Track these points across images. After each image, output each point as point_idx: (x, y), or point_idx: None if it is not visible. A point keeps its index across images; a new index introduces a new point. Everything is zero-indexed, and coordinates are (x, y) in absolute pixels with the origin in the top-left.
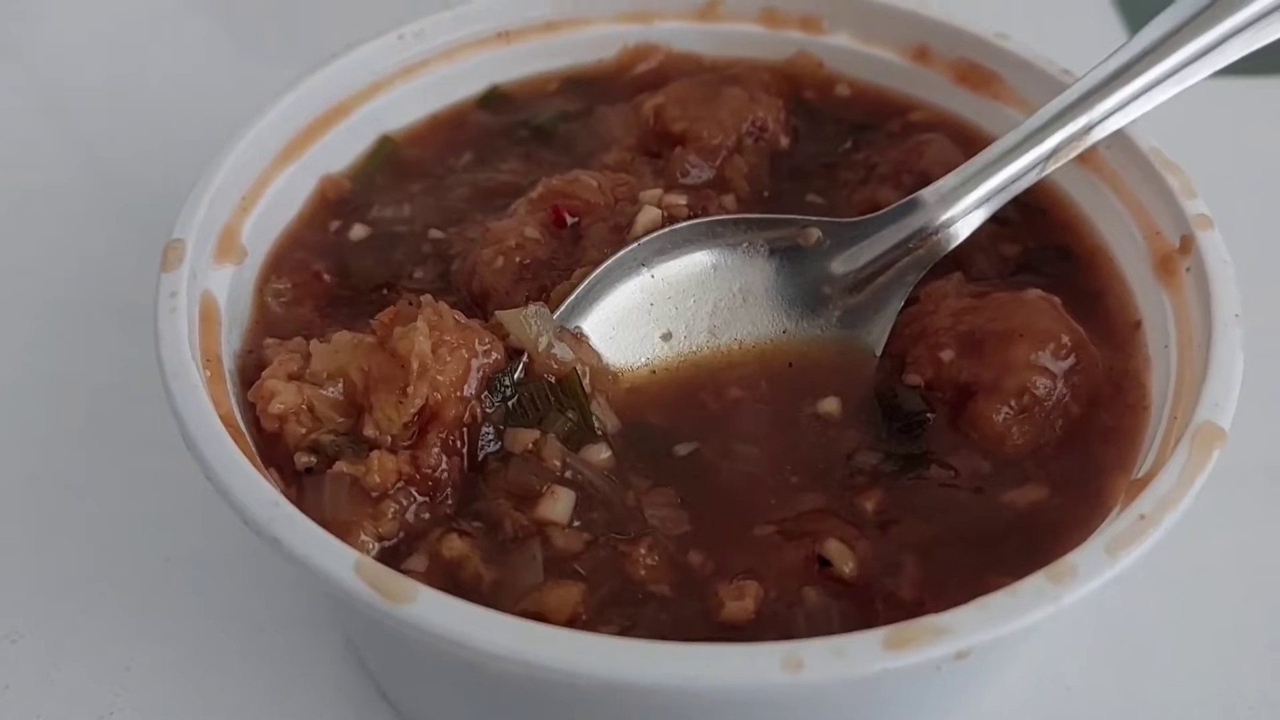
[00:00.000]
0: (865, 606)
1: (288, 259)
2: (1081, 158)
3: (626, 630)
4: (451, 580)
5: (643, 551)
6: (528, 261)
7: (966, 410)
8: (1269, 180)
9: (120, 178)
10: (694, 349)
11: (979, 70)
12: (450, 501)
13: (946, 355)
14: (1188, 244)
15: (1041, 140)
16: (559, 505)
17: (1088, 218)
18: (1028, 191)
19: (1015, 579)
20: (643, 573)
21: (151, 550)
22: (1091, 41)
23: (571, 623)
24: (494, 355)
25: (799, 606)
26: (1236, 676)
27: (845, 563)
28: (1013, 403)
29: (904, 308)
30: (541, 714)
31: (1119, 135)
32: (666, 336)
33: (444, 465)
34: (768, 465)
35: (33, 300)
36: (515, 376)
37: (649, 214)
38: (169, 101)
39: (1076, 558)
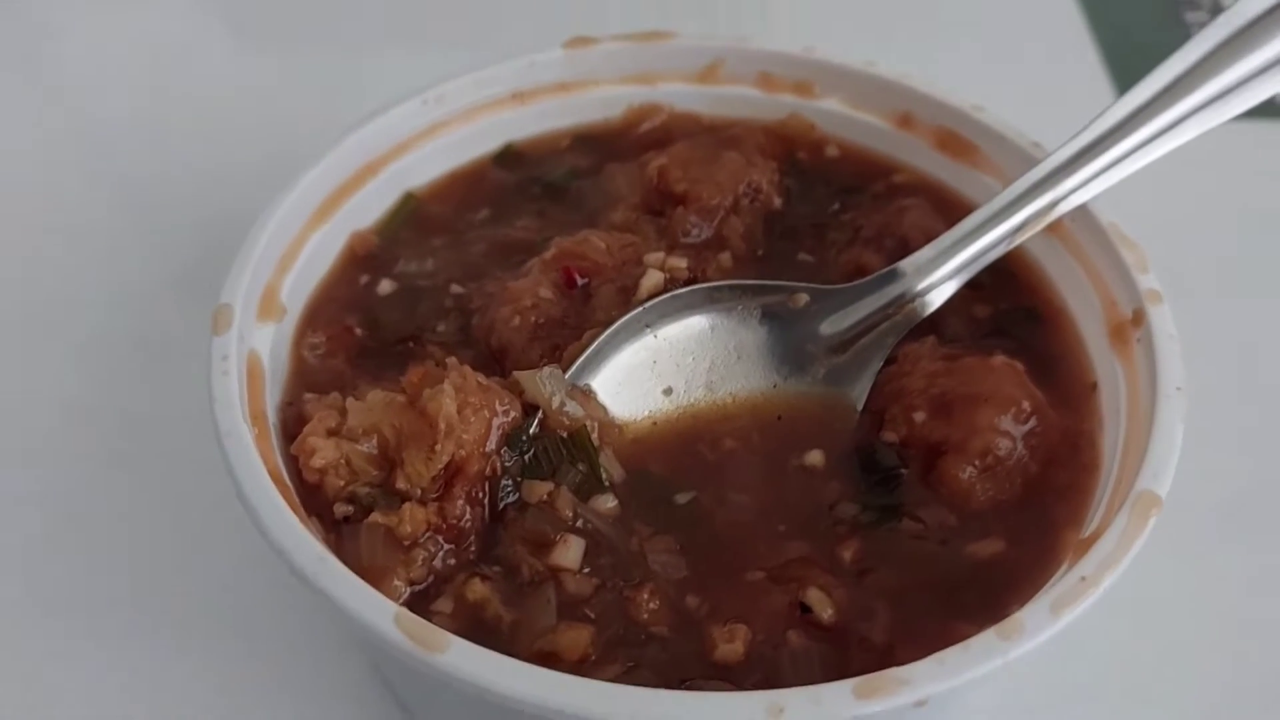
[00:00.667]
0: (841, 650)
1: (322, 314)
2: (1049, 228)
3: (631, 670)
4: (475, 620)
5: (645, 596)
6: (542, 320)
7: (936, 467)
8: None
9: (148, 205)
10: (692, 402)
11: (957, 139)
12: (473, 548)
13: (919, 416)
14: (1139, 316)
15: (1009, 216)
16: (571, 552)
17: (1054, 283)
18: (1000, 257)
19: (975, 625)
20: (645, 616)
21: (184, 571)
22: (1082, 100)
23: (582, 661)
24: (512, 414)
25: (783, 648)
26: (1185, 699)
27: (824, 609)
28: (977, 462)
29: (883, 367)
30: None
31: (1082, 209)
32: (668, 391)
33: (468, 515)
34: (758, 514)
35: (66, 327)
36: (531, 432)
37: (653, 277)
38: (195, 129)
39: (1024, 615)
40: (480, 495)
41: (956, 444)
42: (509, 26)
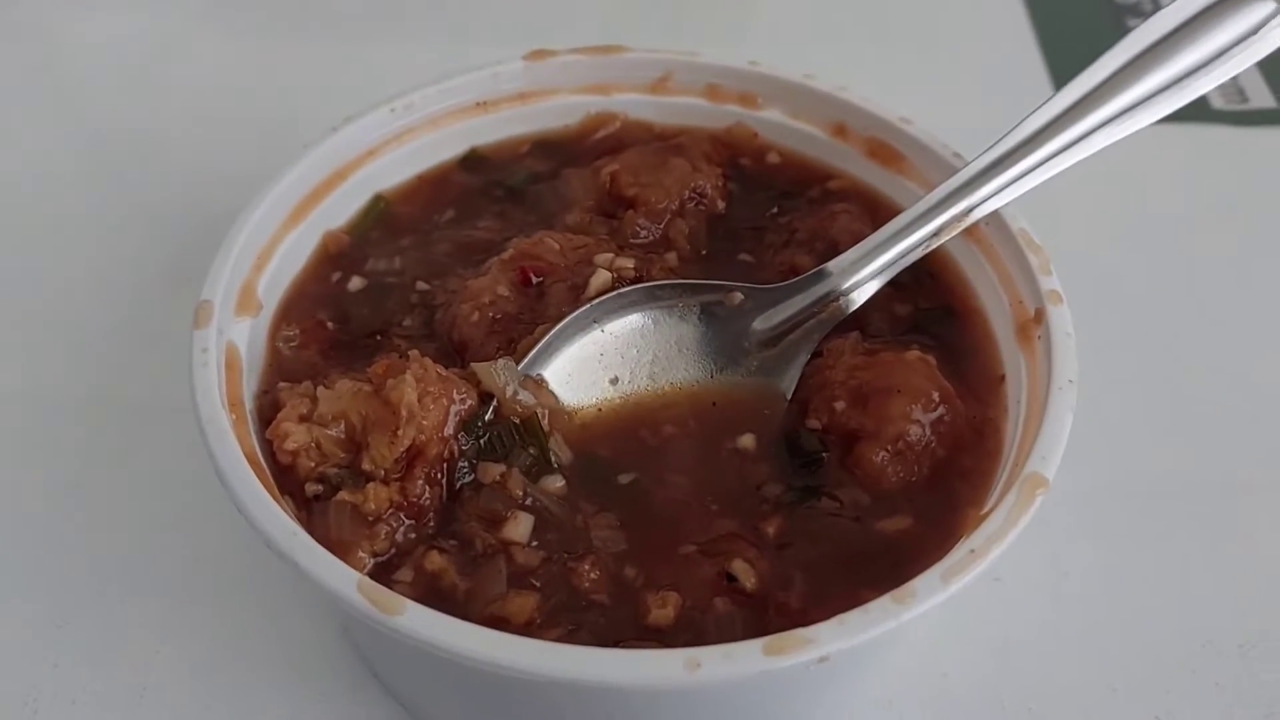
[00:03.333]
0: (761, 614)
1: (295, 308)
2: (965, 232)
3: (572, 632)
4: (433, 589)
5: (587, 567)
6: (499, 316)
7: (853, 452)
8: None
9: (140, 199)
10: (636, 391)
11: (886, 148)
12: (432, 524)
13: (839, 405)
14: (1040, 315)
15: (927, 221)
16: (520, 528)
17: (969, 283)
18: (920, 258)
19: (880, 592)
20: (586, 585)
21: (176, 549)
22: (1024, 102)
23: (528, 625)
24: (469, 402)
25: (710, 614)
26: (1096, 664)
27: (748, 579)
28: (889, 447)
29: (811, 359)
30: (500, 697)
31: (995, 215)
32: (614, 381)
33: (427, 494)
34: (692, 493)
35: (58, 318)
36: (486, 419)
37: (601, 276)
38: (187, 124)
39: (918, 583)
40: (439, 476)
41: (871, 431)
42: (489, 19)
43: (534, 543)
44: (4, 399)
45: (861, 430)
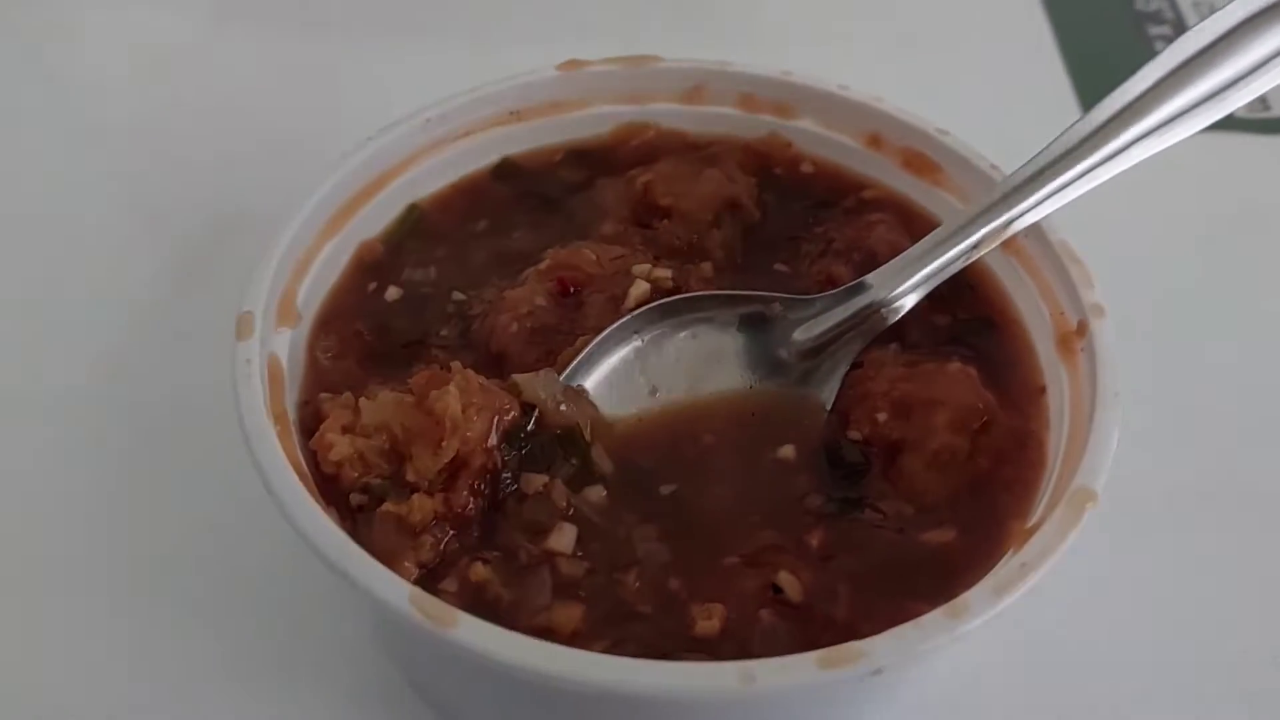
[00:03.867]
0: (807, 626)
1: (333, 319)
2: (1004, 244)
3: (617, 644)
4: (477, 599)
5: (631, 578)
6: (537, 327)
7: (895, 463)
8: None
9: (151, 202)
10: (675, 401)
11: (923, 159)
12: (476, 534)
13: (881, 417)
14: (1083, 328)
15: (968, 234)
16: (564, 538)
17: (1008, 295)
18: (960, 270)
19: (927, 604)
20: (631, 596)
21: (204, 551)
22: (1047, 113)
23: (574, 636)
24: (512, 413)
25: (756, 625)
26: (1129, 673)
27: (794, 591)
28: (932, 459)
29: (850, 371)
30: (546, 709)
31: (1034, 227)
32: (653, 391)
33: (471, 505)
34: (734, 504)
35: (86, 322)
36: (529, 429)
37: (640, 287)
38: (197, 125)
39: (970, 597)
40: (482, 487)
41: (914, 442)
42: (504, 18)
43: (578, 553)
44: (10, 400)
45: (904, 442)
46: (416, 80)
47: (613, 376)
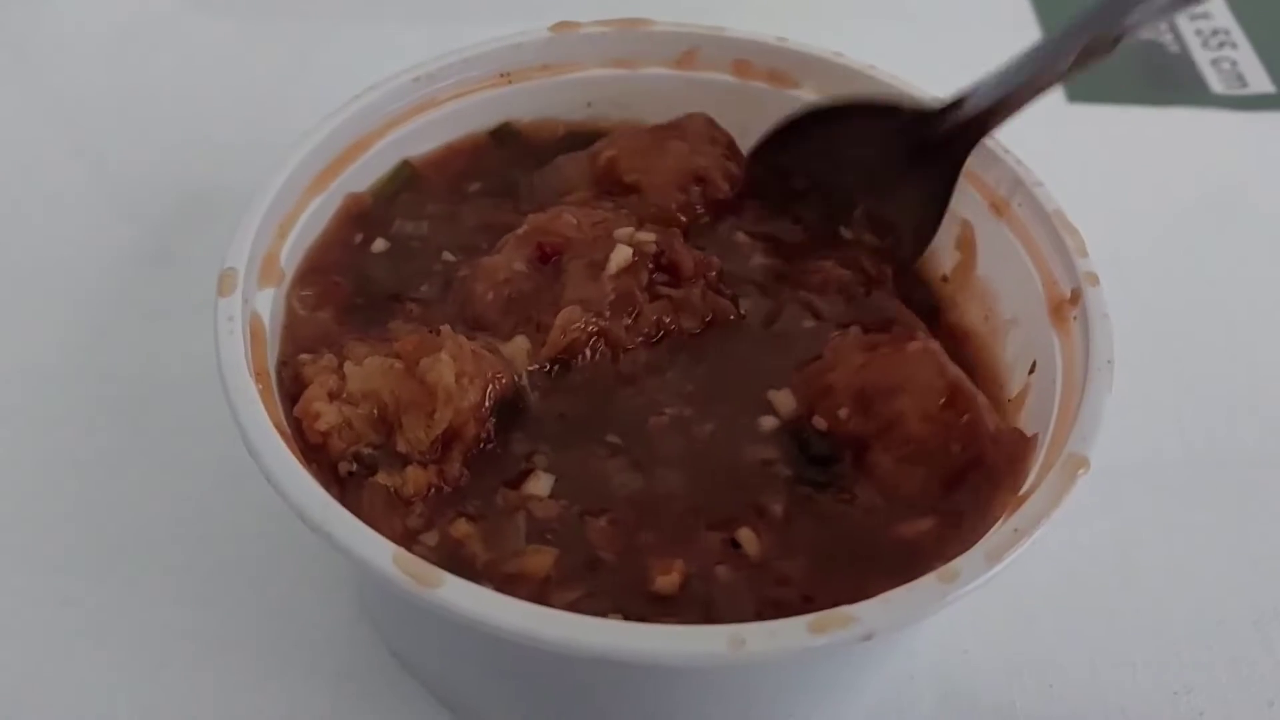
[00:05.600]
0: (763, 584)
1: (315, 270)
2: (998, 212)
3: (586, 596)
4: (454, 554)
5: (603, 524)
6: (515, 294)
7: (864, 459)
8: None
9: (125, 176)
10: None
11: None
12: (464, 494)
13: (843, 413)
14: (1076, 296)
15: (1068, 42)
16: (541, 484)
17: (1001, 264)
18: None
19: (895, 583)
20: (600, 545)
21: (184, 524)
22: None
23: (545, 583)
24: (503, 380)
25: (714, 582)
26: (1116, 640)
27: (751, 547)
28: (902, 453)
29: (810, 362)
30: (529, 672)
31: (1028, 195)
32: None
33: (465, 475)
34: (705, 471)
35: (59, 298)
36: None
37: (621, 252)
38: (173, 100)
39: (962, 562)
40: (475, 455)
41: (879, 436)
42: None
43: (554, 498)
44: None
45: (870, 436)
46: (400, 56)
47: None
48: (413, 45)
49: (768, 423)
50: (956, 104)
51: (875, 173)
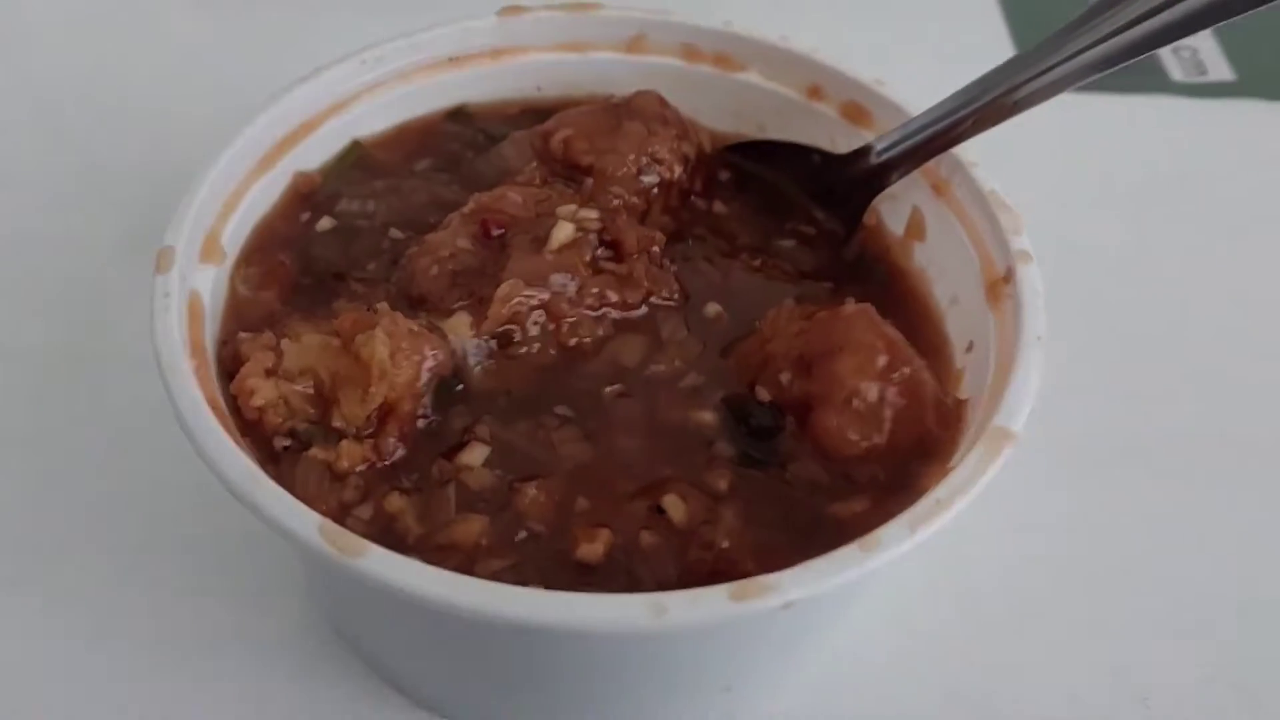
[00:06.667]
0: (685, 548)
1: (259, 249)
2: (938, 193)
3: (513, 565)
4: (387, 528)
5: (532, 493)
6: (459, 270)
7: (808, 421)
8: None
9: (95, 159)
10: None
11: (859, 109)
12: (400, 468)
13: (785, 378)
14: (1010, 274)
15: (969, 101)
16: (476, 454)
17: (944, 245)
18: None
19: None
20: (530, 514)
21: (134, 508)
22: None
23: (474, 552)
24: (440, 356)
25: (636, 551)
26: (1046, 615)
27: (676, 512)
28: (844, 411)
29: (745, 337)
30: (458, 642)
31: (966, 177)
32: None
33: (400, 450)
34: (645, 444)
35: (19, 277)
36: (458, 389)
37: (564, 229)
38: (143, 84)
39: (884, 532)
40: (410, 431)
41: (821, 397)
42: None
43: (487, 466)
44: None
45: (812, 397)
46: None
47: None
48: (404, 21)
49: (710, 397)
50: (861, 153)
51: (799, 198)
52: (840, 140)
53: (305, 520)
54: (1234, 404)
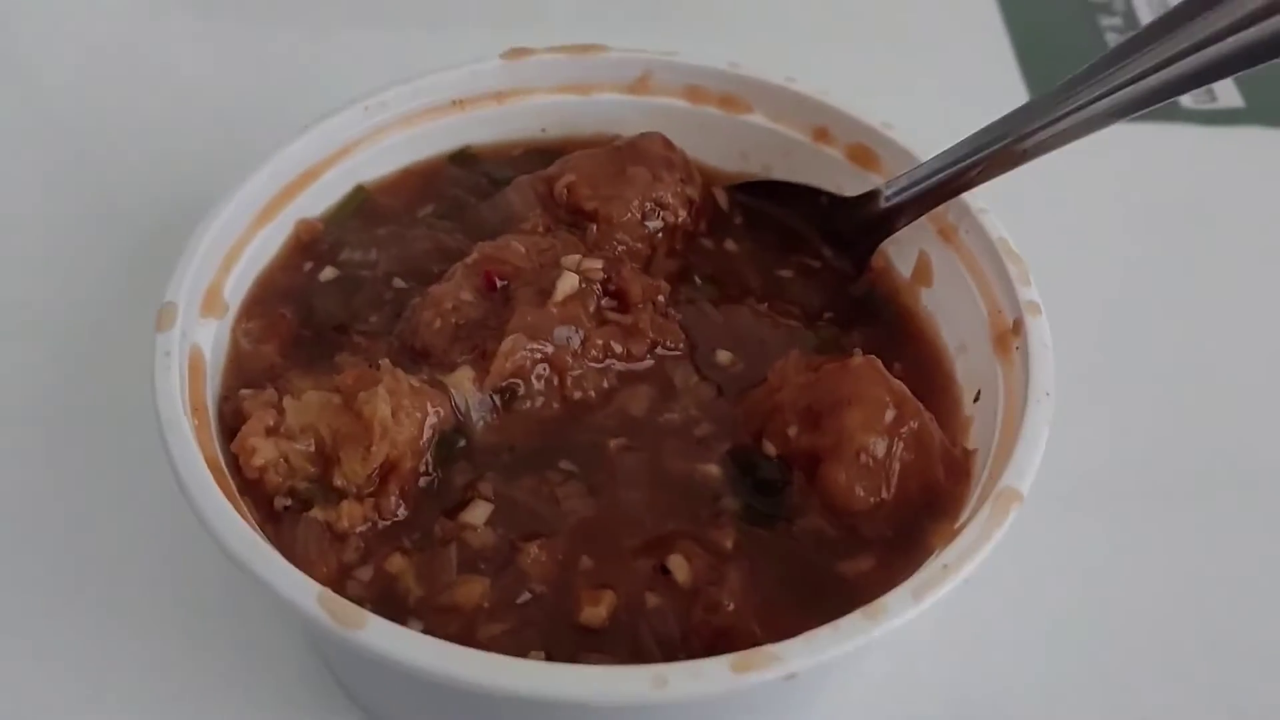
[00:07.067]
0: (691, 611)
1: (260, 301)
2: (946, 238)
3: (514, 629)
4: (388, 590)
5: (534, 552)
6: (463, 322)
7: (816, 475)
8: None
9: (101, 186)
10: None
11: (868, 153)
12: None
13: (792, 431)
14: (1019, 326)
15: (978, 149)
16: (478, 512)
17: (950, 292)
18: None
19: (830, 616)
20: (532, 574)
21: (135, 557)
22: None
23: (476, 614)
24: (442, 413)
25: (641, 613)
26: (1076, 670)
27: (681, 573)
28: (852, 466)
29: (753, 387)
30: (461, 709)
31: (974, 223)
32: None
33: (402, 509)
34: (648, 501)
35: (10, 308)
36: (460, 446)
37: (568, 280)
38: (150, 108)
39: (889, 599)
40: (411, 489)
41: (830, 450)
42: (463, 8)
43: (490, 526)
44: None
45: (821, 450)
46: (371, 64)
47: None
48: (409, 52)
49: (716, 450)
50: (869, 197)
51: (810, 236)
52: (847, 183)
53: (304, 590)
54: (1250, 434)
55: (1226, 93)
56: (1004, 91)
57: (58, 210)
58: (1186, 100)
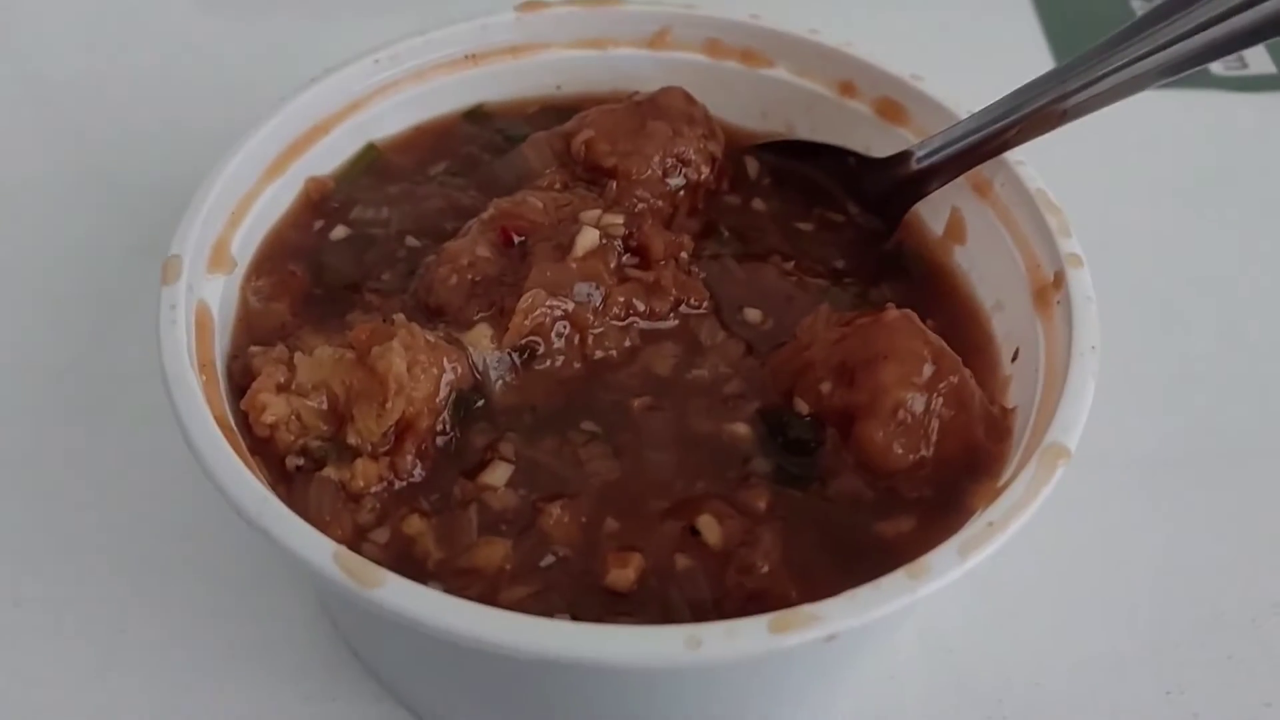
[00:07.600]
0: (723, 574)
1: (270, 259)
2: (980, 193)
3: (539, 592)
4: (405, 552)
5: (557, 513)
6: (479, 279)
7: (852, 433)
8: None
9: (104, 165)
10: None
11: (896, 106)
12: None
13: (825, 388)
14: (1060, 279)
15: (1016, 108)
16: (499, 473)
17: (985, 248)
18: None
19: (869, 578)
20: (555, 536)
21: (144, 522)
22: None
23: (498, 578)
24: (459, 370)
25: (671, 576)
26: (1105, 637)
27: (712, 535)
28: (889, 422)
29: (781, 345)
30: (481, 672)
31: (1011, 176)
32: None
33: (418, 468)
34: (678, 459)
35: (20, 285)
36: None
37: (588, 235)
38: (152, 89)
39: (933, 558)
40: (429, 449)
41: (866, 407)
42: None
43: (510, 487)
44: None
45: (856, 408)
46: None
47: None
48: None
49: (744, 409)
50: (900, 158)
51: (838, 195)
52: (875, 139)
53: (319, 547)
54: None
55: (1257, 59)
56: (1025, 46)
57: (64, 175)
58: (1217, 67)
